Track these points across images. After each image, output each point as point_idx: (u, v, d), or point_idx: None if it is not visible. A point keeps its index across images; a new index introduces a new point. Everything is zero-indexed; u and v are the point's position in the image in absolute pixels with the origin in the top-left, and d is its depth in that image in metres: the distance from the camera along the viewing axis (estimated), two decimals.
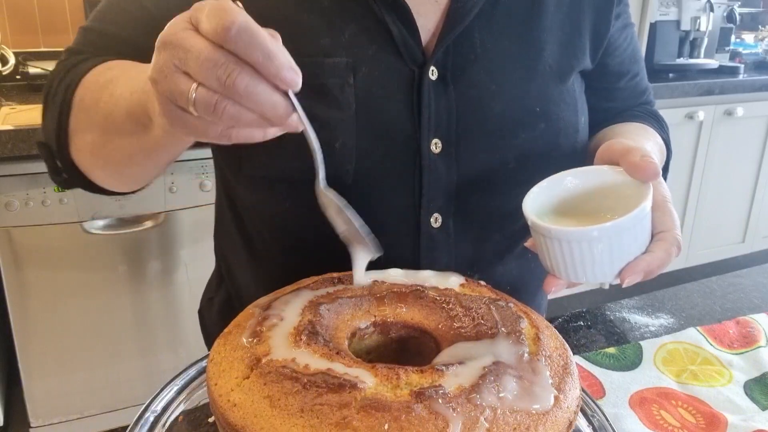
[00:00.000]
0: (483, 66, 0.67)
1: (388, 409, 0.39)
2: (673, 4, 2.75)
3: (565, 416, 0.43)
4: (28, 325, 1.64)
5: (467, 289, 0.56)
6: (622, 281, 0.53)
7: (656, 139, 0.76)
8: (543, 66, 0.69)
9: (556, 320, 0.80)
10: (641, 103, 0.85)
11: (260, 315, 0.49)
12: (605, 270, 0.53)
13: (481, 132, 0.67)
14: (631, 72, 0.82)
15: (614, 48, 0.78)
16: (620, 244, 0.52)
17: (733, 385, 0.67)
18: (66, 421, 1.75)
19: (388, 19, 0.64)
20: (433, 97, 0.65)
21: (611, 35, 0.76)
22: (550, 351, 0.48)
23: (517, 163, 0.68)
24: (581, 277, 0.54)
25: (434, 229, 0.68)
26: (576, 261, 0.53)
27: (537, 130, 0.68)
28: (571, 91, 0.71)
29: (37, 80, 1.92)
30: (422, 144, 0.65)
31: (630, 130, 0.75)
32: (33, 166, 1.53)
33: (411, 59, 0.65)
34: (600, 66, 0.77)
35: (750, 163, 2.90)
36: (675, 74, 2.70)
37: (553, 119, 0.69)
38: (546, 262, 0.56)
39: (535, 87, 0.68)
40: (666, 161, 0.80)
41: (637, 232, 0.53)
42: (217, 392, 0.44)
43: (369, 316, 0.52)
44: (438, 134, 0.66)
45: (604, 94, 0.80)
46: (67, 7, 2.10)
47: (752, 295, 0.88)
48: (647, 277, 0.54)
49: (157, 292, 1.75)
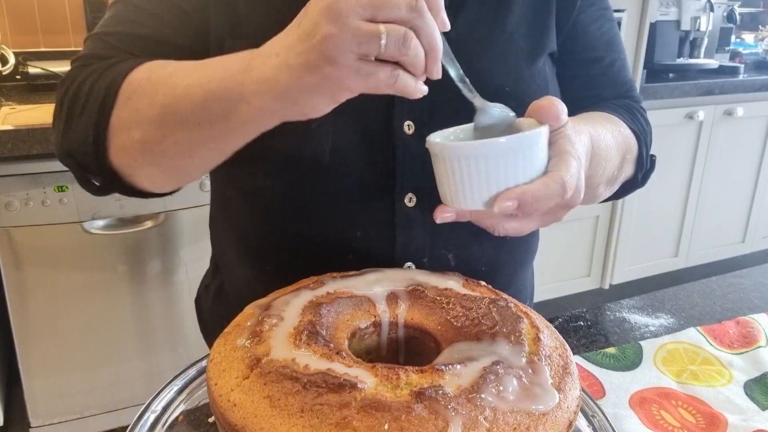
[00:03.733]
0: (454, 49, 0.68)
1: (388, 409, 0.39)
2: (673, 4, 2.75)
3: (565, 416, 0.43)
4: (28, 325, 1.64)
5: (467, 289, 0.57)
6: (493, 206, 0.52)
7: (619, 127, 0.75)
8: (514, 48, 0.71)
9: (556, 320, 0.80)
10: (622, 96, 0.84)
11: (260, 315, 0.49)
12: (483, 193, 0.53)
13: (453, 113, 0.67)
14: (607, 59, 0.81)
15: (582, 33, 0.77)
16: (497, 167, 0.52)
17: (733, 385, 0.67)
18: (66, 421, 1.75)
19: None
20: None
21: (579, 20, 0.76)
22: (550, 351, 0.48)
23: None
24: (461, 201, 0.54)
25: (409, 209, 0.70)
26: (456, 181, 0.53)
27: None
28: (542, 72, 0.73)
29: (37, 80, 1.92)
30: (395, 125, 0.67)
31: (586, 115, 0.75)
32: (33, 166, 1.53)
33: None
34: (567, 51, 0.77)
35: (750, 163, 2.90)
36: (675, 74, 2.70)
37: (524, 99, 0.68)
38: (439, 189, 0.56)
39: (506, 69, 0.70)
40: (640, 153, 0.78)
41: (517, 159, 0.52)
42: (217, 392, 0.44)
43: (369, 316, 0.52)
44: (411, 116, 0.68)
45: (581, 82, 0.80)
46: (67, 7, 2.10)
47: (752, 295, 0.88)
48: (523, 209, 0.52)
49: (157, 292, 1.75)
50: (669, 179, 2.70)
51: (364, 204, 0.70)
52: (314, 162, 0.67)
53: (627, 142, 0.76)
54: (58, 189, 1.57)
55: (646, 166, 0.80)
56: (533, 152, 0.53)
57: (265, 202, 0.74)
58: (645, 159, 0.79)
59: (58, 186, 1.56)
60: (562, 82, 0.78)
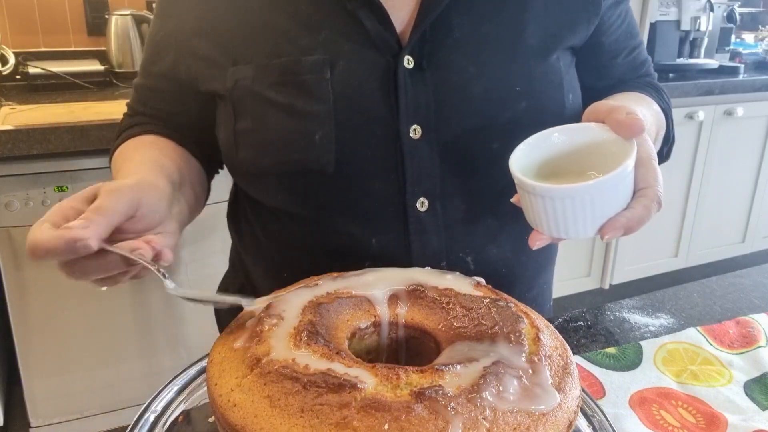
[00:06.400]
0: (461, 50, 0.68)
1: (388, 409, 0.39)
2: (673, 4, 2.75)
3: (565, 416, 0.43)
4: (28, 325, 1.64)
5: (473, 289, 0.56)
6: (602, 237, 0.55)
7: (652, 105, 0.77)
8: (524, 45, 0.69)
9: (556, 320, 0.80)
10: (642, 75, 0.85)
11: (260, 315, 0.49)
12: (587, 226, 0.54)
13: (462, 114, 0.68)
14: (628, 47, 0.81)
15: (608, 26, 0.77)
16: (602, 201, 0.53)
17: (733, 385, 0.67)
18: (66, 421, 1.75)
19: (361, 15, 0.66)
20: (410, 84, 0.66)
21: (603, 13, 0.75)
22: (550, 351, 0.48)
23: (501, 144, 0.67)
24: (563, 233, 0.55)
25: (421, 213, 0.70)
26: (558, 217, 0.54)
27: (519, 110, 0.68)
28: (555, 68, 0.71)
29: (37, 80, 1.92)
30: (401, 130, 0.67)
31: (623, 98, 0.76)
32: (33, 166, 1.54)
33: (386, 50, 0.67)
34: (595, 44, 0.76)
35: (750, 163, 2.90)
36: (675, 74, 2.70)
37: (536, 97, 0.69)
38: (530, 218, 0.57)
39: (516, 67, 0.69)
40: (667, 130, 0.80)
41: (619, 189, 0.54)
42: (217, 392, 0.44)
43: (369, 316, 0.52)
44: (417, 119, 0.67)
45: (602, 72, 0.80)
46: (67, 7, 2.10)
47: (752, 295, 0.88)
48: (627, 233, 0.55)
49: (158, 293, 1.75)
50: (669, 179, 2.69)
51: (376, 211, 0.70)
52: (320, 173, 0.67)
53: (660, 120, 0.78)
54: (58, 189, 1.57)
55: (671, 141, 0.82)
56: (630, 177, 0.55)
57: (278, 215, 0.74)
58: (672, 134, 0.82)
59: (58, 186, 1.57)
60: (587, 72, 0.77)
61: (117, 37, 2.07)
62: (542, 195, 0.53)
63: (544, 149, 0.59)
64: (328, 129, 0.65)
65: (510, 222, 0.75)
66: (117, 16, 2.06)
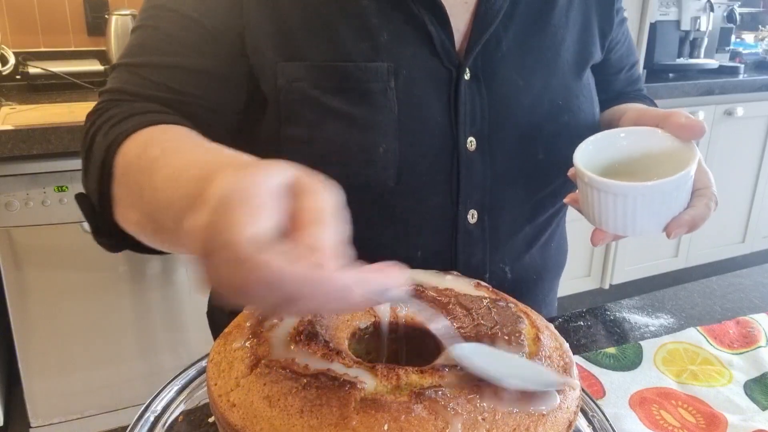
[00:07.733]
0: (509, 63, 0.68)
1: (387, 410, 0.39)
2: (673, 4, 2.75)
3: (565, 416, 0.43)
4: (28, 325, 1.64)
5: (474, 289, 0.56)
6: (668, 234, 0.57)
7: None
8: (562, 61, 0.71)
9: (556, 320, 0.80)
10: (635, 88, 0.88)
11: (260, 315, 0.49)
12: (652, 224, 0.57)
13: (512, 127, 0.69)
14: (629, 63, 0.85)
15: (615, 43, 0.80)
16: (670, 199, 0.56)
17: (733, 385, 0.67)
18: (66, 421, 1.75)
19: (426, 20, 0.64)
20: (468, 96, 0.66)
21: (613, 30, 0.78)
22: (550, 351, 0.48)
23: (545, 154, 0.70)
24: (629, 231, 0.58)
25: (471, 225, 0.70)
26: (628, 215, 0.56)
27: (561, 123, 0.70)
28: (587, 84, 0.74)
29: (37, 80, 1.92)
30: (459, 142, 0.66)
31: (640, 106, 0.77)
32: (33, 166, 1.53)
33: (448, 60, 0.66)
34: (603, 60, 0.79)
35: (750, 163, 2.90)
36: (675, 74, 2.70)
37: (575, 111, 0.71)
38: (593, 216, 0.59)
39: (556, 81, 0.70)
40: None
41: (685, 188, 0.57)
42: (216, 392, 0.44)
43: (369, 316, 0.52)
44: (473, 132, 0.67)
45: (604, 86, 0.82)
46: (67, 7, 2.10)
47: (752, 295, 0.88)
48: (691, 230, 0.58)
49: (158, 293, 1.75)
50: None
51: (426, 224, 0.68)
52: (381, 186, 0.64)
53: None
54: (58, 189, 1.57)
55: None
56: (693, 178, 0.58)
57: None
58: None
59: (58, 186, 1.57)
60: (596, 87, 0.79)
61: (117, 37, 2.07)
62: (615, 193, 0.55)
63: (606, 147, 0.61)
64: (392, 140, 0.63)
65: (544, 229, 0.77)
66: (117, 16, 2.06)
